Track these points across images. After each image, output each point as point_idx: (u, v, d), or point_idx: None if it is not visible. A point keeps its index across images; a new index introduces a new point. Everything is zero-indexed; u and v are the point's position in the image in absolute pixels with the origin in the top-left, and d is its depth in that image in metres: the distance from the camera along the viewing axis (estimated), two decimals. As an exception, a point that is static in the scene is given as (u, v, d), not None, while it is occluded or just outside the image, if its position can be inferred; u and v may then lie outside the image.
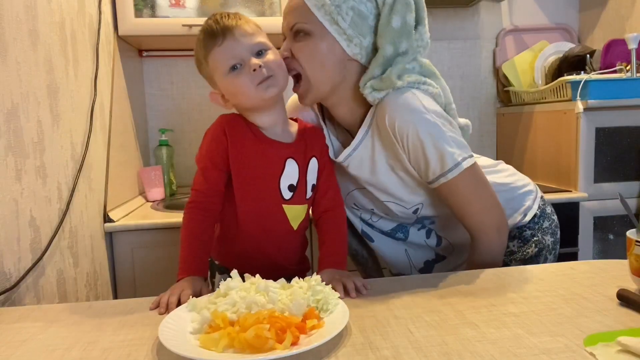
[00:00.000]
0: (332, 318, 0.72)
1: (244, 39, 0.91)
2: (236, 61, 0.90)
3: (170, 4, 1.75)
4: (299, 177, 0.99)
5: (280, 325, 0.67)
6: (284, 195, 0.98)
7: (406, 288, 0.88)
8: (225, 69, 0.91)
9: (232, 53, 0.90)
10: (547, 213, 1.16)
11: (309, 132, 1.03)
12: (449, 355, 0.63)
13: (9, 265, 0.93)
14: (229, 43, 0.90)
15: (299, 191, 0.99)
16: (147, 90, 2.15)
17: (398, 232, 1.14)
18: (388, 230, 1.15)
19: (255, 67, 0.90)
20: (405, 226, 1.13)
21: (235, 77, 0.91)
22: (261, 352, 0.63)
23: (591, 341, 0.65)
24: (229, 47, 0.90)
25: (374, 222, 1.15)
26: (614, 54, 1.94)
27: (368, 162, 1.02)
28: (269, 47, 0.94)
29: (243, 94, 0.92)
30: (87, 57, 1.42)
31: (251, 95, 0.92)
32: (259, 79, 0.90)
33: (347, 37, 0.95)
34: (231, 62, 0.90)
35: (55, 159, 1.16)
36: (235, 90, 0.92)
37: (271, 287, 0.77)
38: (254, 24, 0.95)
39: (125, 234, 1.53)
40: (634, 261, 0.80)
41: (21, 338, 0.73)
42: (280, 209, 0.98)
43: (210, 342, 0.66)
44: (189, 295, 0.82)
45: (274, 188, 0.97)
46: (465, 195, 0.99)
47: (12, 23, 0.99)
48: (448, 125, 0.96)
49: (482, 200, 1.00)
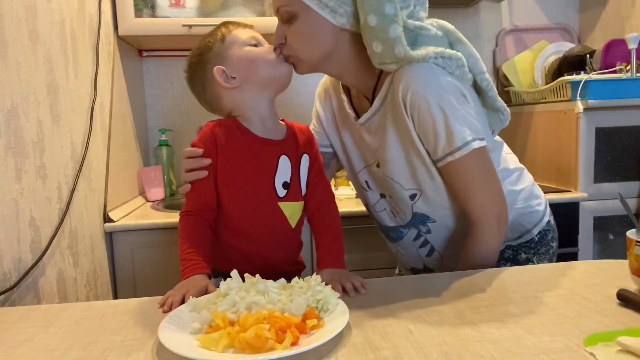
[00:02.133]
0: (332, 318, 0.72)
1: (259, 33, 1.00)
2: (257, 42, 0.98)
3: (170, 4, 1.75)
4: (292, 173, 0.99)
5: (280, 325, 0.67)
6: (278, 193, 0.97)
7: (406, 288, 0.88)
8: (244, 43, 0.97)
9: (254, 34, 0.98)
10: (547, 239, 1.13)
11: (298, 129, 1.03)
12: (449, 355, 0.63)
13: (9, 265, 0.93)
14: (250, 30, 0.99)
15: (293, 188, 0.99)
16: (147, 90, 2.15)
17: (392, 232, 1.14)
18: (385, 225, 1.15)
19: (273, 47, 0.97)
20: (401, 230, 1.13)
21: (253, 48, 0.97)
22: (261, 352, 0.63)
23: (591, 341, 0.65)
24: (252, 32, 0.99)
25: (377, 210, 1.14)
26: (614, 54, 1.94)
27: (381, 132, 1.02)
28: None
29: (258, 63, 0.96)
30: (87, 57, 1.42)
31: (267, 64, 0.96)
32: (276, 53, 0.98)
33: (330, 9, 0.93)
34: (251, 41, 0.97)
35: (55, 159, 1.16)
36: (251, 58, 0.96)
37: (271, 287, 0.77)
38: None
39: (125, 234, 1.53)
40: (634, 261, 0.80)
41: (21, 338, 0.73)
42: (276, 207, 0.98)
43: (210, 342, 0.66)
44: (192, 296, 0.82)
45: (269, 186, 0.97)
46: (471, 178, 0.97)
47: (12, 23, 0.99)
48: (464, 104, 0.94)
49: (487, 186, 0.98)
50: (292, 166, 0.99)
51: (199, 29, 1.73)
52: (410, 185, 1.04)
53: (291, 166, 0.99)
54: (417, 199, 1.05)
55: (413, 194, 1.04)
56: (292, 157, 0.99)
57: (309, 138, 1.04)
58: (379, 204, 1.12)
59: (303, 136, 1.03)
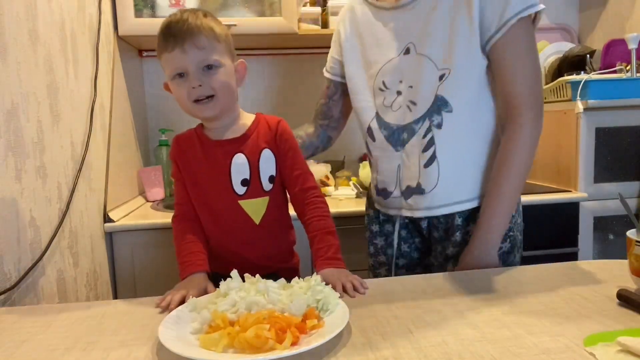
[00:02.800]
0: (332, 318, 0.72)
1: (193, 53, 0.91)
2: (181, 71, 0.92)
3: (170, 4, 1.75)
4: (251, 170, 0.99)
5: (280, 325, 0.67)
6: (237, 191, 1.00)
7: (406, 288, 0.88)
8: (170, 74, 0.94)
9: (179, 64, 0.92)
10: (520, 210, 1.17)
11: (263, 124, 1.03)
12: (449, 355, 0.63)
13: (9, 265, 0.93)
14: (177, 53, 0.91)
15: (253, 184, 1.00)
16: (147, 90, 2.15)
17: (403, 132, 1.10)
18: (395, 126, 1.11)
19: (195, 85, 0.92)
20: (412, 127, 1.09)
21: (177, 86, 0.94)
22: (261, 352, 0.63)
23: (591, 341, 0.65)
24: (177, 57, 0.91)
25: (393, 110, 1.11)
26: (614, 54, 1.93)
27: (427, 9, 1.04)
28: (221, 65, 0.94)
29: (181, 104, 0.97)
30: (87, 57, 1.42)
31: (187, 108, 0.96)
32: (195, 97, 0.93)
33: None
34: (175, 71, 0.93)
35: (55, 159, 1.16)
36: (176, 97, 0.96)
37: (271, 287, 0.77)
38: (216, 33, 0.94)
39: (125, 234, 1.53)
40: (634, 261, 0.80)
41: (21, 338, 0.73)
42: (236, 205, 1.00)
43: (210, 342, 0.66)
44: (192, 296, 0.82)
45: (226, 186, 0.99)
46: (523, 49, 1.01)
47: (12, 23, 0.99)
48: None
49: (535, 66, 1.03)
50: (250, 163, 0.99)
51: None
52: (443, 65, 1.04)
53: (249, 163, 0.99)
54: (445, 79, 1.04)
55: (443, 74, 1.04)
56: (249, 154, 1.00)
57: (277, 133, 1.02)
58: (395, 102, 1.10)
59: (269, 131, 1.02)
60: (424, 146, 1.08)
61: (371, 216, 1.25)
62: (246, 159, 0.99)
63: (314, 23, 1.94)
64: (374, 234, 1.24)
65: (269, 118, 1.04)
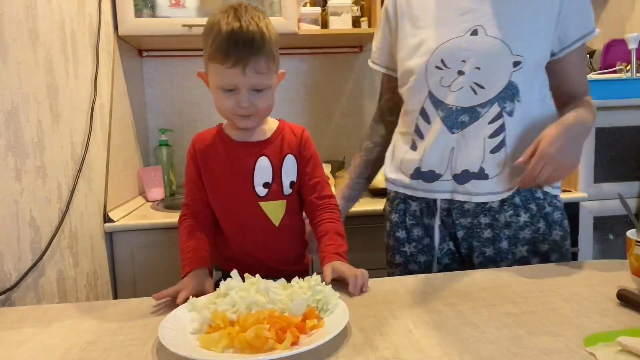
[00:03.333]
0: (332, 318, 0.72)
1: (252, 77, 0.91)
2: (232, 87, 0.92)
3: (170, 4, 1.75)
4: (274, 173, 1.00)
5: (280, 325, 0.67)
6: (258, 193, 1.00)
7: (406, 288, 0.88)
8: (219, 85, 0.93)
9: (233, 82, 0.91)
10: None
11: (288, 131, 1.04)
12: (449, 355, 0.63)
13: (9, 265, 0.93)
14: (235, 73, 0.90)
15: (275, 187, 1.01)
16: (147, 90, 2.15)
17: (463, 115, 1.06)
18: (454, 108, 1.06)
19: (244, 105, 0.93)
20: (478, 110, 1.06)
21: (223, 97, 0.94)
22: (261, 352, 0.63)
23: (591, 341, 0.65)
24: (234, 76, 0.90)
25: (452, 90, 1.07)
26: (614, 54, 1.94)
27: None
28: (269, 87, 0.95)
29: (220, 111, 0.97)
30: (87, 57, 1.42)
31: (227, 117, 0.98)
32: (239, 113, 0.94)
33: None
34: (227, 87, 0.92)
35: (55, 159, 1.16)
36: (217, 104, 0.96)
37: (271, 287, 0.77)
38: (274, 54, 0.94)
39: (125, 234, 1.53)
40: (634, 261, 0.80)
41: (21, 338, 0.73)
42: (257, 206, 1.00)
43: (210, 342, 0.66)
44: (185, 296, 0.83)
45: (249, 187, 1.00)
46: (584, 58, 1.14)
47: (12, 23, 0.99)
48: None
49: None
50: (273, 166, 1.00)
51: (199, 29, 1.72)
52: (519, 51, 1.04)
53: (272, 166, 1.00)
54: (519, 67, 1.04)
55: (517, 61, 1.04)
56: (273, 158, 1.01)
57: (300, 140, 1.04)
58: (455, 82, 1.06)
59: (293, 137, 1.03)
60: (492, 132, 1.05)
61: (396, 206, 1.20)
62: (269, 162, 1.00)
63: (314, 23, 1.94)
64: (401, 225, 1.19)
65: (293, 125, 1.06)
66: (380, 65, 1.25)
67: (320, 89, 2.25)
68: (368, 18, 1.98)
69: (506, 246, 1.09)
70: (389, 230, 1.24)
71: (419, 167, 1.12)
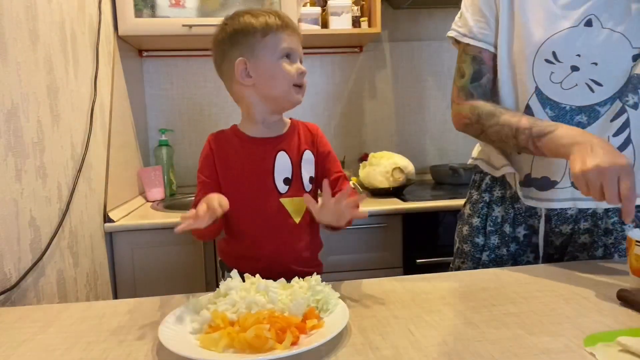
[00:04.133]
0: (332, 318, 0.72)
1: (298, 40, 0.98)
2: (293, 53, 0.96)
3: (170, 4, 1.75)
4: (293, 169, 1.00)
5: (280, 325, 0.67)
6: (279, 189, 0.99)
7: (406, 288, 0.88)
8: (281, 52, 0.95)
9: (291, 44, 0.96)
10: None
11: (303, 127, 1.05)
12: (449, 355, 0.63)
13: (9, 265, 0.93)
14: (289, 34, 0.96)
15: (295, 183, 1.00)
16: (147, 90, 2.15)
17: (580, 115, 0.98)
18: (568, 107, 0.99)
19: (303, 71, 0.96)
20: (597, 110, 0.98)
21: (286, 65, 0.95)
22: (261, 352, 0.63)
23: (591, 341, 0.65)
24: (289, 37, 0.96)
25: (564, 87, 0.99)
26: (614, 54, 1.93)
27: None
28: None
29: (278, 84, 0.96)
30: (87, 57, 1.42)
31: (283, 89, 0.96)
32: (299, 82, 0.96)
33: None
34: (289, 51, 0.96)
35: (55, 159, 1.16)
36: (276, 75, 0.95)
37: (271, 287, 0.77)
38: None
39: (125, 234, 1.53)
40: (634, 261, 0.80)
41: (21, 338, 0.73)
42: (278, 203, 0.99)
43: (210, 342, 0.66)
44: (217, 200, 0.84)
45: (269, 183, 0.99)
46: None
47: (12, 23, 0.99)
48: None
49: None
50: (292, 162, 1.00)
51: (198, 29, 1.73)
52: (637, 44, 0.97)
53: (291, 162, 1.00)
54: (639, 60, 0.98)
55: (637, 54, 0.97)
56: (291, 153, 1.00)
57: (315, 136, 1.04)
58: (568, 79, 0.99)
59: (308, 133, 1.04)
60: (616, 130, 0.98)
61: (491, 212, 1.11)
62: (289, 157, 1.00)
63: (314, 23, 1.94)
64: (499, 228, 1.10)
65: (306, 122, 1.06)
66: (484, 40, 1.06)
67: (320, 89, 2.25)
68: (368, 18, 1.98)
69: (601, 254, 1.02)
70: (467, 234, 1.14)
71: (529, 174, 1.04)
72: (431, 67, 2.32)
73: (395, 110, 2.32)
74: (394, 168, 1.80)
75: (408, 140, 2.33)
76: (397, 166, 1.80)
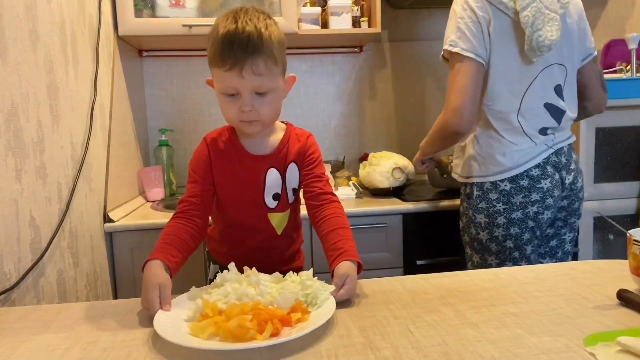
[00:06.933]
0: (319, 312, 0.74)
1: (250, 79, 0.87)
2: (233, 92, 0.89)
3: (170, 4, 1.75)
4: (282, 184, 1.02)
5: (263, 317, 0.70)
6: (268, 204, 1.01)
7: (406, 288, 0.88)
8: (221, 90, 0.90)
9: (232, 85, 0.88)
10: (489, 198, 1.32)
11: (294, 139, 1.03)
12: (449, 355, 0.63)
13: (9, 265, 0.93)
14: (233, 76, 0.87)
15: (283, 198, 1.02)
16: (147, 90, 2.15)
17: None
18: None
19: (246, 109, 0.89)
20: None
21: (227, 103, 0.91)
22: (242, 341, 0.66)
23: (591, 341, 0.65)
24: (232, 79, 0.87)
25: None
26: (614, 54, 1.94)
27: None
28: (272, 89, 0.91)
29: (226, 118, 0.95)
30: (87, 57, 1.42)
31: (232, 123, 0.96)
32: (242, 119, 0.91)
33: None
34: (227, 91, 0.90)
35: (55, 159, 1.16)
36: (223, 111, 0.94)
37: (263, 280, 0.80)
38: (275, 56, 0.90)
39: (125, 234, 1.53)
40: (632, 260, 0.80)
41: (21, 338, 0.73)
42: (264, 217, 1.02)
43: (198, 329, 0.69)
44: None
45: (259, 199, 1.00)
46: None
47: (12, 23, 0.99)
48: None
49: None
50: (281, 177, 1.01)
51: (198, 29, 1.73)
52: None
53: (281, 177, 1.01)
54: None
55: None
56: (280, 169, 1.01)
57: (306, 147, 1.03)
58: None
59: (297, 144, 1.02)
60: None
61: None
62: (279, 174, 1.01)
63: (314, 23, 1.94)
64: None
65: (299, 132, 1.05)
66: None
67: (320, 89, 2.25)
68: (368, 18, 1.98)
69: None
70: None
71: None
72: (431, 67, 2.32)
73: (395, 110, 2.32)
74: (394, 168, 1.80)
75: (408, 140, 2.33)
76: (397, 166, 1.80)
